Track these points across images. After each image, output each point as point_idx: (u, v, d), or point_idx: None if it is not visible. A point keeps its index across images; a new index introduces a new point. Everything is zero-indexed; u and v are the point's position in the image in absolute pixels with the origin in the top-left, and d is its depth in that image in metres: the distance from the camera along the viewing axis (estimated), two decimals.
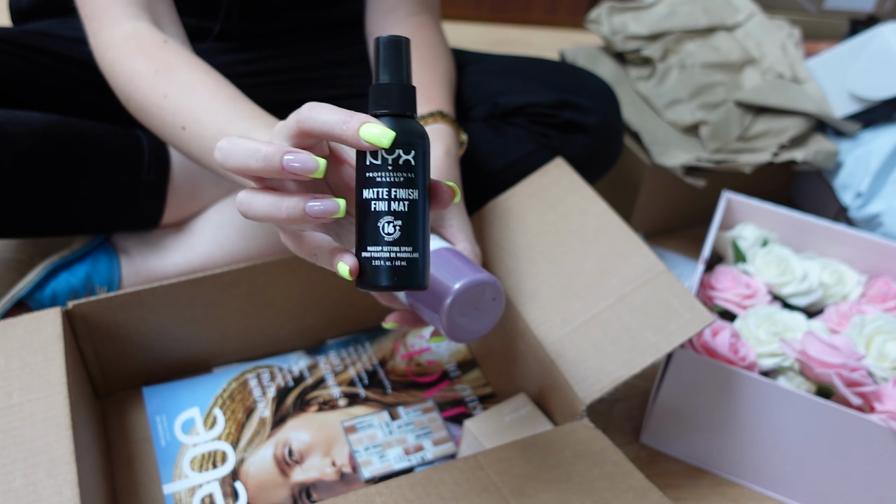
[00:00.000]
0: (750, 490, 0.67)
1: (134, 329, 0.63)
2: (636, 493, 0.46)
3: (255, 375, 0.68)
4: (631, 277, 0.60)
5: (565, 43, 1.56)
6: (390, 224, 0.40)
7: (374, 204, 0.39)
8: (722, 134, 0.94)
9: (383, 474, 0.61)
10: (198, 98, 0.53)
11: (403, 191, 0.40)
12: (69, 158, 0.65)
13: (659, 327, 0.56)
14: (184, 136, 0.54)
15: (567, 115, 0.71)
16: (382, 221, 0.40)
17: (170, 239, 0.74)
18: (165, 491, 0.58)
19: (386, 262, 0.39)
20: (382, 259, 0.39)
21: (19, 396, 0.51)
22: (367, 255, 0.40)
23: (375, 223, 0.39)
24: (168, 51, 0.56)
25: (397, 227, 0.40)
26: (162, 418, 0.64)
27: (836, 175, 0.95)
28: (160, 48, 0.56)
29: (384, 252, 0.39)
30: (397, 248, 0.40)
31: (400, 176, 0.40)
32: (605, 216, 0.65)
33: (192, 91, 0.53)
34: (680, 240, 1.01)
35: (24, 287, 0.68)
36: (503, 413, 0.59)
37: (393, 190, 0.39)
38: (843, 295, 0.76)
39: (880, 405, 0.61)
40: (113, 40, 0.57)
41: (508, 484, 0.46)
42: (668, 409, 0.67)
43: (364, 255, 0.40)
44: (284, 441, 0.62)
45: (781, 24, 1.12)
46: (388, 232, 0.40)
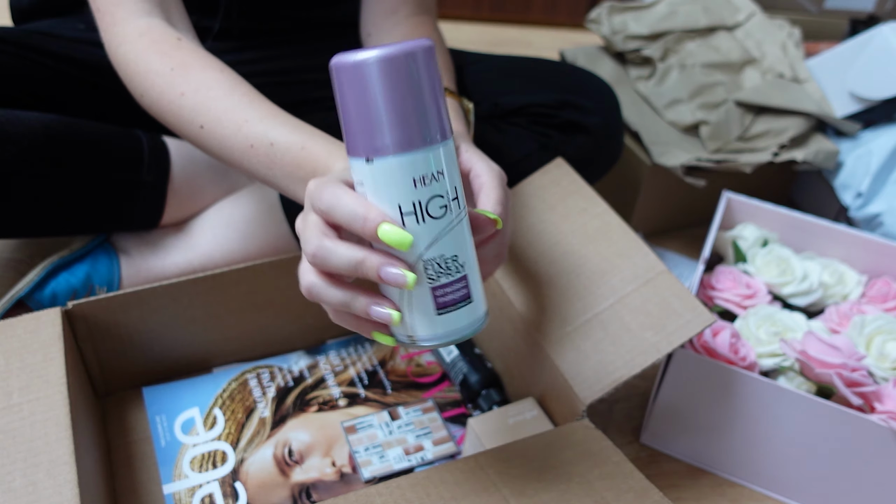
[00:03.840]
0: (750, 490, 0.67)
1: (134, 329, 0.63)
2: (637, 494, 0.46)
3: (255, 375, 0.68)
4: (631, 278, 0.60)
5: (565, 43, 1.56)
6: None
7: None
8: (722, 134, 0.94)
9: (383, 475, 0.61)
10: (214, 96, 0.54)
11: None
12: (69, 158, 0.65)
13: (659, 327, 0.56)
14: (202, 133, 0.54)
15: (567, 115, 0.71)
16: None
17: (169, 239, 0.74)
18: (165, 491, 0.58)
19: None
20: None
21: (19, 396, 0.51)
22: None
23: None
24: (183, 48, 0.57)
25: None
26: (162, 418, 0.64)
27: (837, 175, 0.95)
28: (175, 46, 0.57)
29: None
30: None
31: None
32: (605, 216, 0.64)
33: (208, 90, 0.54)
34: (680, 240, 1.01)
35: (23, 287, 0.68)
36: (508, 415, 0.59)
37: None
38: (843, 295, 0.76)
39: (880, 405, 0.61)
40: (127, 36, 0.57)
41: (509, 484, 0.46)
42: (669, 409, 0.67)
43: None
44: (284, 441, 0.62)
45: (782, 24, 1.12)
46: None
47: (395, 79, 0.38)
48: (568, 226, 0.65)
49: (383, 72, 0.38)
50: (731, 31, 1.10)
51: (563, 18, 1.61)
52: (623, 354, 0.56)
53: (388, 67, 0.38)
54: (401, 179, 0.39)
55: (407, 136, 0.39)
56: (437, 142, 0.39)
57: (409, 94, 0.38)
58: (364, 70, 0.38)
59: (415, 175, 0.39)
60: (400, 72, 0.38)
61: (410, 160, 0.39)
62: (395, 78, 0.38)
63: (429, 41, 0.40)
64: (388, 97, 0.38)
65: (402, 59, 0.38)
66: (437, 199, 0.40)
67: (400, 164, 0.39)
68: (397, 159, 0.39)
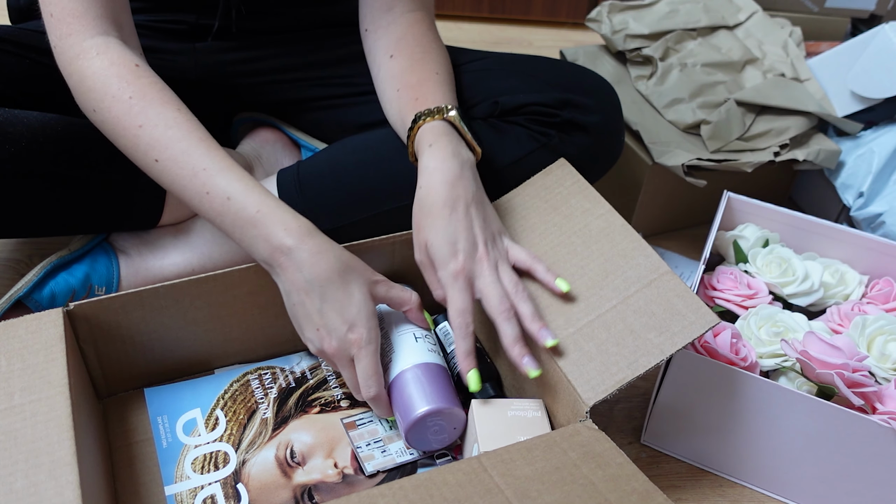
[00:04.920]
0: (751, 490, 0.68)
1: (135, 330, 0.63)
2: (640, 496, 0.46)
3: (257, 376, 0.68)
4: (634, 279, 0.60)
5: (565, 42, 1.56)
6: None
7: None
8: (723, 133, 0.94)
9: (387, 468, 0.61)
10: (172, 136, 0.58)
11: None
12: (68, 158, 0.65)
13: (662, 329, 0.56)
14: (156, 167, 0.59)
15: (567, 114, 0.71)
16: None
17: (168, 239, 0.74)
18: (167, 492, 0.58)
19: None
20: None
21: (20, 397, 0.50)
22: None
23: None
24: (142, 77, 0.60)
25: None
26: (163, 419, 0.64)
27: (838, 175, 0.95)
28: (134, 73, 0.59)
29: None
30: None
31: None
32: (608, 217, 0.64)
33: (166, 127, 0.58)
34: (680, 240, 1.01)
35: (22, 287, 0.68)
36: (511, 407, 0.58)
37: None
38: (844, 295, 0.76)
39: (881, 406, 0.61)
40: (84, 51, 0.59)
41: (512, 486, 0.46)
42: (669, 409, 0.67)
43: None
44: (286, 442, 0.62)
45: (783, 23, 1.12)
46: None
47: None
48: (571, 226, 0.65)
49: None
50: (732, 30, 1.10)
51: (564, 17, 1.61)
52: (626, 356, 0.56)
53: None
54: None
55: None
56: None
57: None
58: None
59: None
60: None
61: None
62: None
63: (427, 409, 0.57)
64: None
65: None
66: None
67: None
68: None
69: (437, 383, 0.60)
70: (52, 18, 0.59)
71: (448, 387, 0.61)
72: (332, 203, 0.72)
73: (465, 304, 0.59)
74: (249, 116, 0.87)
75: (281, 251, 0.56)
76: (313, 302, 0.57)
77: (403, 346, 0.62)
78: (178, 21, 0.77)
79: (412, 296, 0.62)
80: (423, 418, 0.58)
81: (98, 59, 0.59)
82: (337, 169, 0.73)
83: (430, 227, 0.60)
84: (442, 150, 0.61)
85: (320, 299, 0.56)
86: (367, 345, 0.57)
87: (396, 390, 0.60)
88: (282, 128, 0.88)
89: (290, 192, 0.72)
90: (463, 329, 0.59)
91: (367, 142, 0.74)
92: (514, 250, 0.62)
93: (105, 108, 0.59)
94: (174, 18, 0.77)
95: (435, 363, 0.62)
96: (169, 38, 0.78)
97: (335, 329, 0.57)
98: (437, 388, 0.59)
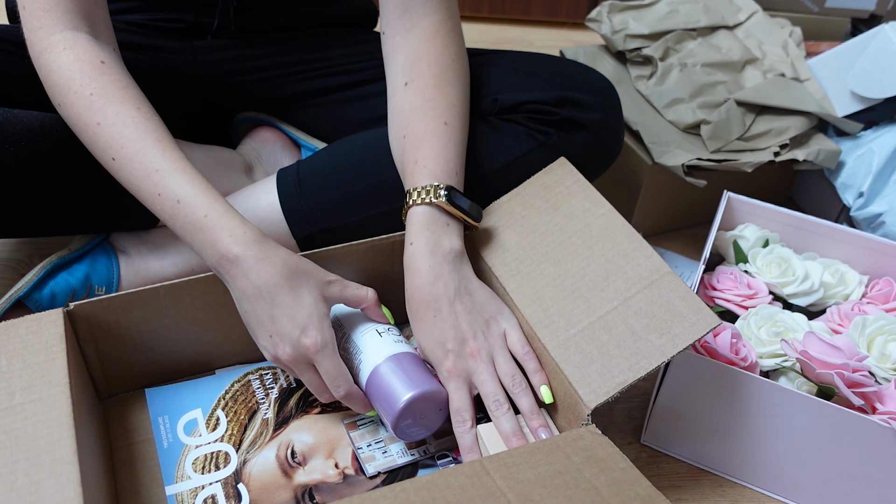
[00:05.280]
0: (751, 491, 0.68)
1: (136, 330, 0.63)
2: (643, 501, 0.46)
3: (258, 377, 0.68)
4: (636, 279, 0.60)
5: (565, 42, 1.55)
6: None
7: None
8: (723, 133, 0.94)
9: (387, 469, 0.61)
10: (128, 135, 0.58)
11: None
12: (67, 157, 0.65)
13: (664, 330, 0.56)
14: (113, 164, 0.59)
15: (567, 112, 0.71)
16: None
17: (168, 239, 0.73)
18: (168, 492, 0.58)
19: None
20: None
21: (21, 397, 0.50)
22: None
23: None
24: (105, 73, 0.59)
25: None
26: (164, 419, 0.64)
27: (838, 175, 0.96)
28: (97, 69, 0.59)
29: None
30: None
31: None
32: (609, 217, 0.64)
33: (123, 126, 0.58)
34: (680, 240, 1.01)
35: (22, 287, 0.68)
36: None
37: None
38: (844, 295, 0.76)
39: (882, 406, 0.61)
40: (52, 45, 0.59)
41: (514, 489, 0.46)
42: (669, 409, 0.67)
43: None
44: (287, 443, 0.62)
45: (783, 23, 1.12)
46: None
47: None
48: (572, 226, 0.65)
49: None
50: (732, 30, 1.10)
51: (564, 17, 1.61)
52: (628, 357, 0.56)
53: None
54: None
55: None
56: None
57: None
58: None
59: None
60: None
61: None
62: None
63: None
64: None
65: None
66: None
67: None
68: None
69: (412, 370, 0.60)
70: (24, 11, 0.60)
71: (423, 370, 0.61)
72: (332, 202, 0.72)
73: (461, 403, 0.59)
74: (249, 116, 0.87)
75: (227, 259, 0.56)
76: (264, 309, 0.56)
77: (369, 344, 0.62)
78: (176, 20, 0.77)
79: (368, 292, 0.62)
80: (408, 406, 0.58)
81: (64, 54, 0.59)
82: (337, 168, 0.73)
83: (418, 330, 0.62)
84: (419, 247, 0.61)
85: (270, 305, 0.56)
86: (323, 347, 0.56)
87: (374, 387, 0.60)
88: (282, 127, 0.87)
89: (290, 192, 0.72)
90: (461, 426, 0.59)
91: (366, 141, 0.74)
92: (511, 336, 0.62)
93: (68, 104, 0.59)
94: (172, 17, 0.77)
95: (405, 352, 0.62)
96: (167, 36, 0.78)
97: (288, 334, 0.56)
98: (413, 374, 0.59)
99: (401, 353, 0.61)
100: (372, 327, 0.63)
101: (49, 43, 0.59)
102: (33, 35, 0.60)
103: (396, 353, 0.61)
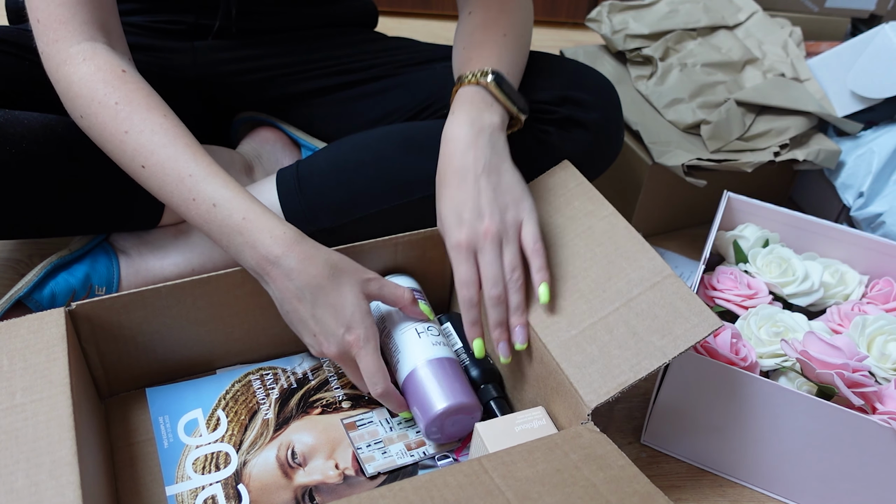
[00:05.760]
0: (751, 491, 0.68)
1: (137, 330, 0.63)
2: (642, 498, 0.46)
3: (259, 377, 0.68)
4: (637, 281, 0.60)
5: (565, 42, 1.55)
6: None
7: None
8: (723, 133, 0.94)
9: (387, 470, 0.61)
10: (158, 142, 0.58)
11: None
12: (69, 159, 0.65)
13: (665, 331, 0.56)
14: (143, 172, 0.59)
15: (566, 111, 0.71)
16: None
17: (168, 239, 0.74)
18: (168, 492, 0.58)
19: None
20: None
21: (22, 397, 0.50)
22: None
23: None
24: (128, 82, 0.59)
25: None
26: (165, 419, 0.64)
27: (838, 175, 0.96)
28: (120, 78, 0.59)
29: None
30: None
31: None
32: (611, 219, 0.64)
33: (152, 133, 0.58)
34: (680, 240, 1.01)
35: (22, 287, 0.68)
36: (516, 422, 0.59)
37: None
38: (844, 295, 0.76)
39: (882, 406, 0.61)
40: (71, 57, 0.59)
41: (513, 488, 0.46)
42: (669, 409, 0.67)
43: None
44: (288, 443, 0.62)
45: (783, 23, 1.12)
46: None
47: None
48: (574, 228, 0.65)
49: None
50: (732, 30, 1.10)
51: (564, 17, 1.61)
52: (629, 358, 0.56)
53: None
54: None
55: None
56: None
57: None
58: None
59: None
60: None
61: None
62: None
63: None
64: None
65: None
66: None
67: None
68: None
69: (450, 378, 0.62)
70: (38, 24, 0.59)
71: (461, 378, 0.63)
72: (332, 201, 0.72)
73: (468, 276, 0.59)
74: (249, 116, 0.87)
75: (268, 260, 0.56)
76: (306, 308, 0.57)
77: (408, 344, 0.64)
78: (176, 21, 0.77)
79: (405, 293, 0.62)
80: (442, 414, 0.60)
81: (84, 65, 0.58)
82: (337, 167, 0.73)
83: (441, 197, 0.61)
84: (459, 117, 0.61)
85: (312, 305, 0.57)
86: (366, 344, 0.57)
87: (411, 388, 0.62)
88: (282, 127, 0.87)
89: (290, 191, 0.72)
90: (467, 301, 0.59)
91: (366, 140, 0.74)
92: (527, 228, 0.61)
93: (92, 114, 0.59)
94: (173, 18, 0.77)
95: (444, 357, 0.63)
96: (167, 37, 0.78)
97: (332, 333, 0.57)
98: (451, 383, 0.61)
99: (441, 359, 0.63)
100: (411, 326, 0.65)
101: (67, 55, 0.59)
102: (50, 48, 0.59)
103: (436, 358, 0.63)
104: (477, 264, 0.60)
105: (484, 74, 0.63)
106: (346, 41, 0.84)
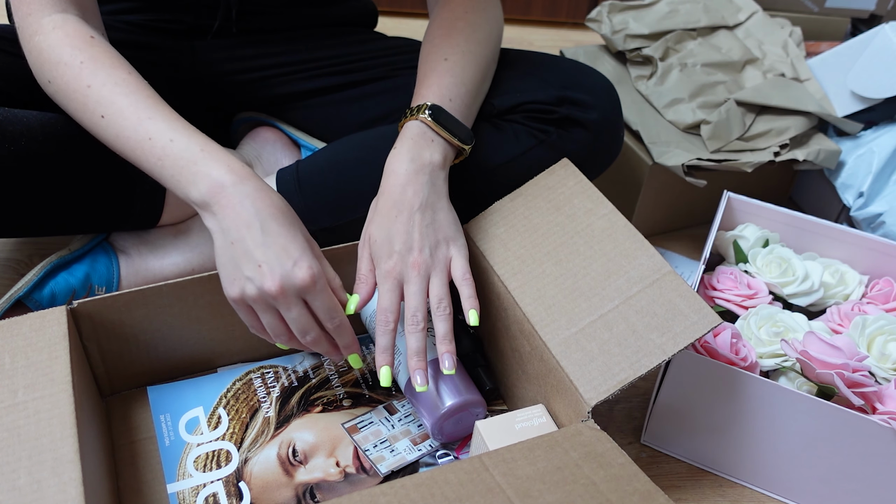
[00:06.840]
0: (751, 490, 0.68)
1: (139, 328, 0.63)
2: (642, 496, 0.46)
3: (260, 375, 0.68)
4: (637, 279, 0.60)
5: (566, 42, 1.56)
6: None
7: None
8: (723, 133, 0.94)
9: (400, 467, 0.61)
10: (120, 92, 0.58)
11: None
12: (68, 157, 0.65)
13: (665, 329, 0.56)
14: (102, 122, 0.58)
15: (566, 111, 0.71)
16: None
17: (168, 238, 0.74)
18: (169, 490, 0.58)
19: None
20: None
21: (24, 394, 0.51)
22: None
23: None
24: (95, 45, 0.60)
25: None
26: (166, 417, 0.64)
27: (838, 175, 0.96)
28: (87, 42, 0.60)
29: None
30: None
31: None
32: (611, 217, 0.65)
33: (114, 85, 0.58)
34: (680, 240, 1.01)
35: (22, 287, 0.68)
36: (516, 420, 0.59)
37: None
38: (844, 295, 0.76)
39: (881, 406, 0.61)
40: (41, 27, 0.60)
41: (513, 485, 0.46)
42: (669, 409, 0.67)
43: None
44: (289, 441, 0.63)
45: (783, 23, 1.12)
46: None
47: None
48: (574, 226, 0.65)
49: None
50: (732, 30, 1.10)
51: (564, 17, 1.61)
52: (629, 356, 0.56)
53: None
54: None
55: None
56: None
57: None
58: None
59: None
60: None
61: None
62: None
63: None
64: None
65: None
66: None
67: None
68: None
69: (454, 375, 0.63)
70: (14, 3, 0.60)
71: (464, 376, 0.64)
72: (331, 201, 0.72)
73: (390, 304, 0.59)
74: (249, 116, 0.88)
75: (223, 185, 0.55)
76: (254, 236, 0.54)
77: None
78: (176, 20, 0.77)
79: (337, 278, 0.61)
80: (448, 412, 0.61)
81: (54, 34, 0.59)
82: (336, 167, 0.73)
83: (376, 224, 0.62)
84: (401, 152, 0.62)
85: (262, 232, 0.54)
86: (318, 279, 0.55)
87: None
88: (281, 127, 0.88)
89: (290, 191, 0.73)
90: (383, 326, 0.59)
91: (365, 139, 0.74)
92: (456, 263, 0.62)
93: (58, 76, 0.59)
94: (172, 18, 0.77)
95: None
96: (167, 36, 0.78)
97: (280, 264, 0.54)
98: (455, 381, 0.62)
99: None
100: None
101: (39, 26, 0.60)
102: (23, 21, 0.60)
103: (436, 358, 0.62)
104: (401, 295, 0.60)
105: (422, 110, 0.63)
106: (346, 41, 0.84)
